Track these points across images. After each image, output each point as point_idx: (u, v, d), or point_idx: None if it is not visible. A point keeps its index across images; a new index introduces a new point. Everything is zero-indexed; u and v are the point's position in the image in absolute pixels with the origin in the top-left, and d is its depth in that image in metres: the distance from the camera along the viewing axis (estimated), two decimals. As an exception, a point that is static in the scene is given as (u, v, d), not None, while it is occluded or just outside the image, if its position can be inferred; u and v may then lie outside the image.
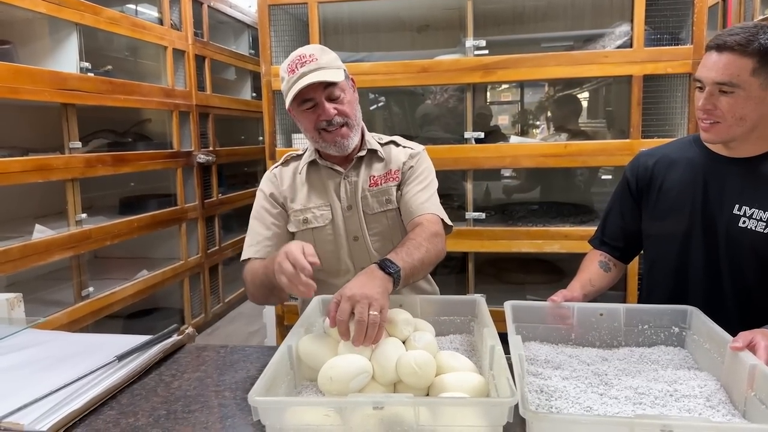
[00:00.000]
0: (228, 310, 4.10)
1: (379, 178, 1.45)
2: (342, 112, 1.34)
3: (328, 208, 1.44)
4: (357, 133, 1.40)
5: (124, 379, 1.08)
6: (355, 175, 1.45)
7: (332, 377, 0.91)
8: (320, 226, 1.44)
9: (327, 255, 1.44)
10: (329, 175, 1.45)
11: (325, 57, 1.34)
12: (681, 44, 2.31)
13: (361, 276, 1.10)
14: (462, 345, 1.13)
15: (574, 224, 2.50)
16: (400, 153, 1.49)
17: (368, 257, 1.44)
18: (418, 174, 1.46)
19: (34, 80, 2.32)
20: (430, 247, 1.27)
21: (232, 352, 1.24)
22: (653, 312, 1.13)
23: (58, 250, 2.47)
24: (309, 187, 1.46)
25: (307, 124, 1.36)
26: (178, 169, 3.37)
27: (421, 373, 0.91)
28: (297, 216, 1.45)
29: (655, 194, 1.33)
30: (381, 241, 1.46)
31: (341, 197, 1.44)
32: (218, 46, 3.84)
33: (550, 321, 1.15)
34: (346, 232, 1.44)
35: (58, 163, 2.47)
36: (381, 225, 1.45)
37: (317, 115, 1.34)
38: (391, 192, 1.45)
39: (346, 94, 1.36)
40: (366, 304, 0.99)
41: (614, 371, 1.01)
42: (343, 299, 1.01)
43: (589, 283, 1.32)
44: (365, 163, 1.46)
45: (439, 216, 1.41)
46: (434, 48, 2.63)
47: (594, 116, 3.32)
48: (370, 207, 1.44)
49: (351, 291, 1.02)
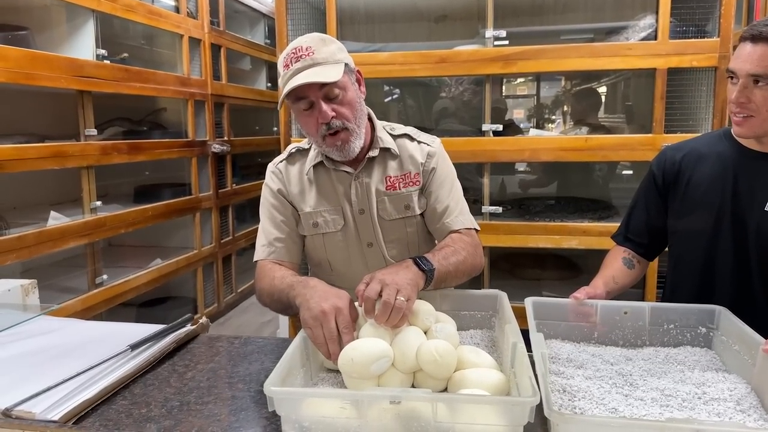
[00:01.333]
0: (241, 300, 4.10)
1: (396, 180, 1.33)
2: (340, 115, 1.20)
3: (339, 213, 1.34)
4: (359, 136, 1.25)
5: (137, 369, 1.07)
6: (366, 175, 1.33)
7: (353, 359, 0.90)
8: (332, 231, 1.34)
9: (340, 262, 1.37)
10: (339, 178, 1.34)
11: (324, 49, 1.19)
12: (707, 37, 2.25)
13: (395, 266, 1.09)
14: (483, 341, 1.10)
15: (593, 220, 2.46)
16: (416, 150, 1.37)
17: (384, 264, 1.33)
18: (443, 179, 1.36)
19: (50, 67, 2.32)
20: (468, 257, 1.23)
21: (246, 343, 1.22)
22: (680, 311, 1.09)
23: (73, 238, 2.47)
24: (318, 189, 1.35)
25: (306, 127, 1.24)
26: (193, 159, 3.36)
27: (441, 361, 0.90)
28: (307, 219, 1.35)
29: (683, 189, 1.29)
30: (398, 248, 1.36)
31: (352, 200, 1.33)
32: (234, 35, 3.82)
33: (573, 318, 1.12)
34: (359, 238, 1.35)
35: (74, 151, 2.47)
36: (399, 232, 1.35)
37: (315, 118, 1.20)
38: (411, 198, 1.34)
39: (346, 93, 1.21)
40: (394, 289, 0.99)
41: (639, 372, 0.97)
42: (374, 280, 1.01)
43: (613, 280, 1.28)
44: (378, 162, 1.34)
45: (472, 228, 1.35)
46: (451, 39, 2.59)
47: (611, 111, 3.26)
48: (387, 212, 1.33)
49: (382, 275, 1.02)
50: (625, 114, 3.11)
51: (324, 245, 1.36)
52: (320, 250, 1.37)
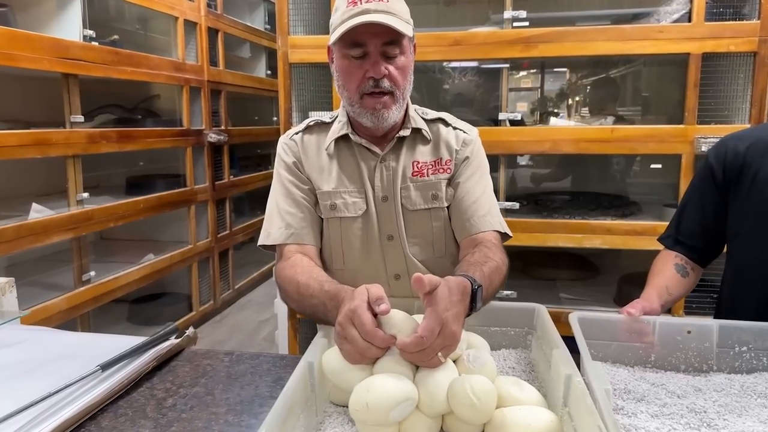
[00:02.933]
0: (238, 297, 3.94)
1: (425, 166, 1.19)
2: (392, 77, 1.08)
3: (362, 196, 1.18)
4: (401, 107, 1.13)
5: (106, 395, 0.89)
6: (394, 159, 1.19)
7: (369, 404, 0.70)
8: (351, 216, 1.18)
9: (355, 254, 1.20)
10: (363, 156, 1.19)
11: (398, 4, 1.09)
12: (745, 19, 2.07)
13: (458, 292, 0.82)
14: (519, 363, 0.93)
15: (616, 217, 2.28)
16: (451, 136, 1.23)
17: (404, 262, 1.20)
18: (475, 170, 1.21)
19: (32, 47, 2.14)
20: (497, 289, 1.05)
21: (239, 361, 1.05)
22: (754, 331, 0.92)
23: (57, 232, 2.30)
24: (340, 166, 1.19)
25: (349, 78, 1.10)
26: (188, 148, 3.18)
27: (480, 405, 0.70)
28: (325, 200, 1.19)
29: (748, 184, 1.11)
30: (420, 245, 1.20)
31: (375, 185, 1.18)
32: (232, 19, 3.63)
33: (625, 338, 0.94)
34: (379, 229, 1.19)
35: (58, 138, 2.29)
36: (423, 226, 1.19)
37: (364, 71, 1.07)
38: (439, 187, 1.19)
39: (405, 58, 1.10)
40: (446, 344, 0.77)
41: (714, 407, 0.80)
42: (435, 317, 0.76)
43: (666, 291, 1.10)
44: (407, 145, 1.20)
45: (501, 231, 1.19)
46: (461, 24, 2.41)
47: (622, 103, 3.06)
48: (411, 201, 1.18)
49: (446, 313, 0.77)
50: (641, 106, 2.93)
51: (340, 232, 1.19)
52: (335, 238, 1.20)
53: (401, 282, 1.21)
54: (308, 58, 2.30)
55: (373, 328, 0.78)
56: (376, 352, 0.78)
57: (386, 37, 1.06)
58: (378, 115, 1.10)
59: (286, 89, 2.35)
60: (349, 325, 0.79)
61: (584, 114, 2.87)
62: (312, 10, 2.39)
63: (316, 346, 0.83)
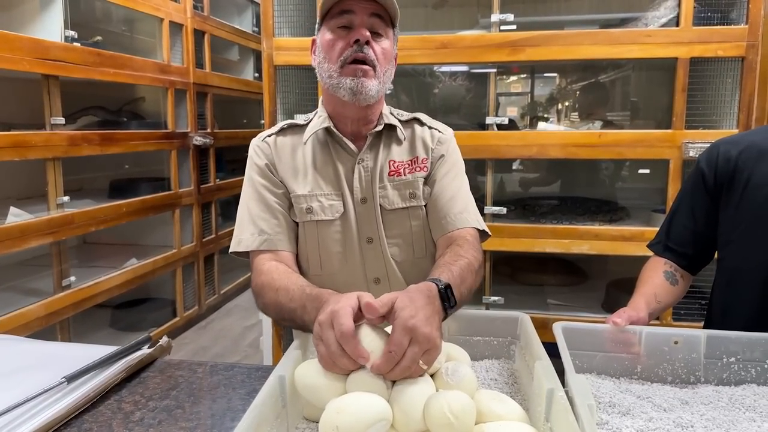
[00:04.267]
0: (224, 302, 3.89)
1: (401, 165, 1.17)
2: (375, 52, 1.08)
3: (339, 199, 1.15)
4: (380, 86, 1.11)
5: (70, 410, 0.85)
6: (371, 159, 1.17)
7: (339, 426, 0.66)
8: (328, 219, 1.14)
9: (333, 259, 1.16)
10: (340, 157, 1.17)
11: None
12: (733, 24, 2.06)
13: (422, 297, 0.80)
14: (501, 375, 0.90)
15: (604, 223, 2.26)
16: (426, 135, 1.22)
17: (383, 265, 1.17)
18: (450, 167, 1.20)
19: (10, 47, 2.09)
20: (478, 278, 1.02)
21: (212, 372, 1.01)
22: (743, 341, 0.89)
23: (36, 236, 2.24)
24: (315, 168, 1.16)
25: (332, 48, 1.09)
26: (173, 151, 3.13)
27: (457, 424, 0.67)
28: (300, 203, 1.15)
29: (740, 191, 1.08)
30: (399, 245, 1.18)
31: (354, 187, 1.15)
32: (219, 21, 3.59)
33: (611, 348, 0.91)
34: (358, 231, 1.16)
35: (37, 141, 2.24)
36: (402, 226, 1.17)
37: (349, 39, 1.07)
38: (417, 185, 1.17)
39: (388, 43, 1.12)
40: (424, 350, 0.74)
41: (702, 421, 0.77)
42: (401, 328, 0.74)
43: (655, 299, 1.08)
44: (383, 144, 1.18)
45: (478, 228, 1.16)
46: (450, 28, 2.39)
47: (611, 107, 3.05)
48: (389, 200, 1.16)
49: (412, 320, 0.74)
50: (630, 110, 2.92)
51: (317, 236, 1.15)
52: (311, 242, 1.16)
53: (381, 286, 1.18)
54: (293, 61, 2.27)
55: (350, 333, 0.74)
56: (348, 363, 0.74)
57: (375, 8, 1.08)
58: (357, 83, 1.07)
59: (271, 91, 2.32)
60: (328, 326, 0.76)
61: (574, 119, 2.86)
62: (297, 13, 2.37)
63: (289, 358, 0.79)
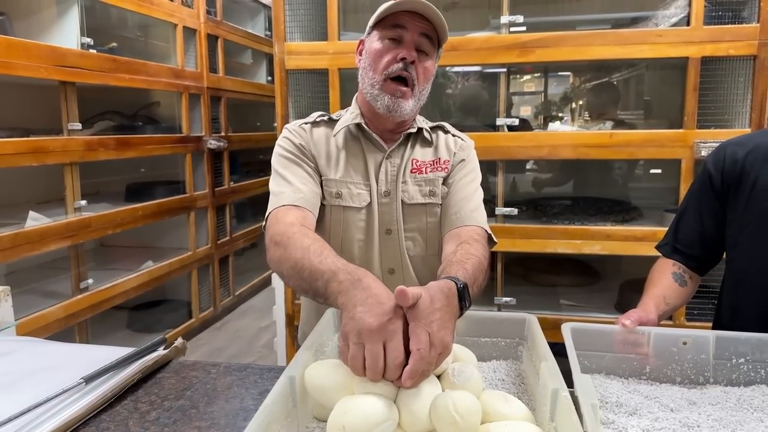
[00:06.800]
0: (239, 304, 3.93)
1: (423, 164, 1.23)
2: (417, 71, 1.13)
3: (367, 189, 1.20)
4: (415, 105, 1.17)
5: (88, 409, 0.88)
6: (398, 156, 1.23)
7: (346, 426, 0.68)
8: (356, 207, 1.19)
9: (354, 246, 1.21)
10: (370, 151, 1.22)
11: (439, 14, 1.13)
12: (744, 23, 2.04)
13: (442, 297, 0.79)
14: (508, 375, 0.91)
15: (616, 223, 2.26)
16: (450, 141, 1.29)
17: (399, 256, 1.22)
18: (468, 172, 1.26)
19: (29, 55, 2.14)
20: (482, 286, 1.02)
21: (226, 373, 1.03)
22: (752, 342, 0.90)
23: (54, 240, 2.29)
24: (347, 158, 1.21)
25: (379, 58, 1.13)
26: (187, 155, 3.18)
27: (463, 423, 0.68)
28: (330, 186, 1.20)
29: (747, 192, 1.08)
30: (415, 240, 1.23)
31: (380, 180, 1.21)
32: (232, 25, 3.63)
33: (619, 349, 0.92)
34: (379, 222, 1.21)
35: (55, 146, 2.29)
36: (419, 220, 1.22)
37: (396, 53, 1.11)
38: (437, 183, 1.22)
39: (431, 63, 1.16)
40: (437, 353, 0.74)
41: (708, 421, 0.78)
42: (421, 329, 0.73)
43: (664, 300, 1.08)
44: (410, 144, 1.25)
45: (486, 230, 1.18)
46: (461, 29, 2.40)
47: (624, 107, 3.04)
48: (409, 195, 1.21)
49: (431, 325, 0.74)
50: (643, 110, 2.90)
51: (342, 221, 1.20)
52: (335, 227, 1.21)
53: (395, 277, 1.23)
54: (305, 65, 2.29)
55: (401, 365, 0.72)
56: (379, 379, 0.73)
57: (426, 28, 1.12)
58: (395, 102, 1.13)
59: (282, 95, 2.34)
60: (378, 341, 0.73)
61: (587, 118, 2.85)
62: (308, 17, 2.39)
63: (299, 359, 0.81)
